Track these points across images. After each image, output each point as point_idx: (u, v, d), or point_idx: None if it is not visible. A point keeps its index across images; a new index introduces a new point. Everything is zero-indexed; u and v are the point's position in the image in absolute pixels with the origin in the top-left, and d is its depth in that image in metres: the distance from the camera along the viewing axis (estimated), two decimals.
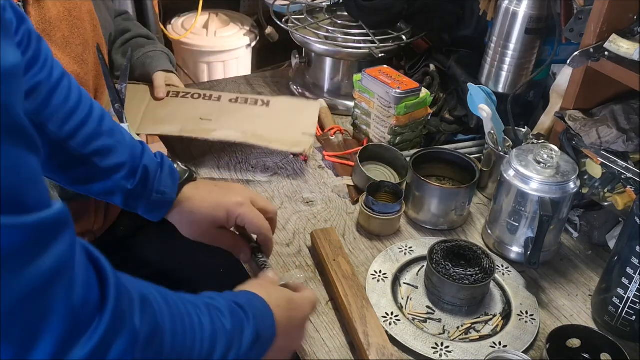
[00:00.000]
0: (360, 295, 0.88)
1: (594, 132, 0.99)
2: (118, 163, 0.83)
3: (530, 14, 1.11)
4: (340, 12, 1.48)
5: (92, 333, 0.44)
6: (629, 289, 0.83)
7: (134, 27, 1.33)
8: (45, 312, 0.41)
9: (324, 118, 1.34)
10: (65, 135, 0.78)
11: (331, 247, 0.96)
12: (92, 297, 0.45)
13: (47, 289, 0.41)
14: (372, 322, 0.84)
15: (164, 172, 0.86)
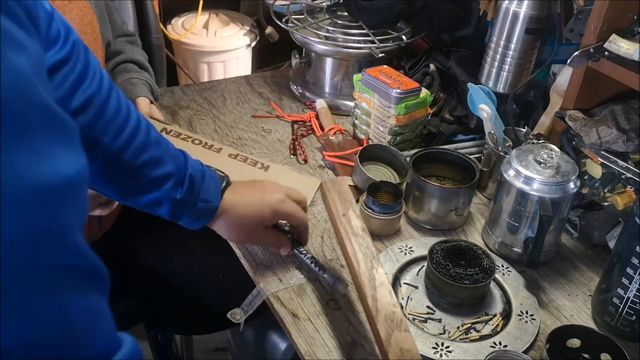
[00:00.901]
0: (369, 255, 0.82)
1: (594, 132, 0.99)
2: (167, 173, 0.83)
3: (530, 14, 1.11)
4: (340, 12, 1.48)
5: None
6: (629, 289, 0.84)
7: (129, 51, 1.29)
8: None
9: (324, 118, 1.34)
10: (119, 147, 0.77)
11: (341, 199, 0.89)
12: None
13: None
14: (381, 285, 0.79)
15: (206, 179, 0.87)
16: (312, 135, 1.32)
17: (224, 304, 0.96)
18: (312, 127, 1.34)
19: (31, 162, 0.33)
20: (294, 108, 1.43)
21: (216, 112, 1.37)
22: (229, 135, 1.30)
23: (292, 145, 1.27)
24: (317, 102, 1.39)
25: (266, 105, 1.43)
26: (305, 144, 1.29)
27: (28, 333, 0.33)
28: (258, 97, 1.46)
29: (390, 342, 0.72)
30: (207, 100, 1.42)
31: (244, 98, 1.45)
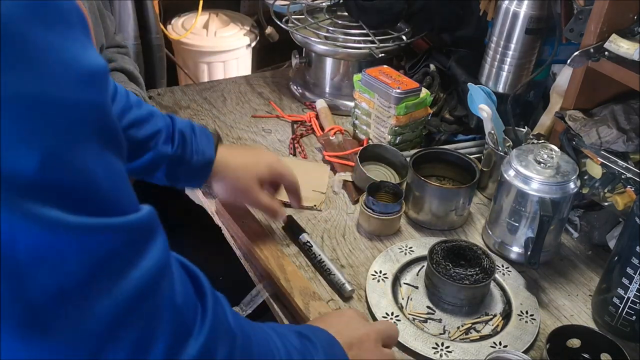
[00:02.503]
0: (274, 248, 0.95)
1: (594, 132, 0.99)
2: (155, 131, 0.84)
3: (530, 14, 1.11)
4: (340, 12, 1.48)
5: (198, 331, 0.44)
6: (629, 289, 0.83)
7: (120, 60, 1.26)
8: (155, 313, 0.41)
9: (324, 118, 1.34)
10: None
11: (237, 211, 1.01)
12: (190, 294, 0.45)
13: (154, 289, 0.41)
14: (289, 268, 0.91)
15: (197, 133, 0.88)
16: (312, 135, 1.32)
17: None
18: (312, 127, 1.33)
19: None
20: (294, 108, 1.43)
21: (216, 112, 1.37)
22: (229, 135, 1.30)
23: (292, 145, 1.27)
24: (317, 102, 1.39)
25: (266, 105, 1.43)
26: (305, 144, 1.29)
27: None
28: (258, 97, 1.46)
29: (309, 310, 0.84)
30: (207, 100, 1.42)
31: (244, 98, 1.45)
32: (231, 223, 1.01)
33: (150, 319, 0.40)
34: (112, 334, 0.38)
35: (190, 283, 0.47)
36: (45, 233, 0.34)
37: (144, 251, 0.40)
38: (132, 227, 0.39)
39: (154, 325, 0.41)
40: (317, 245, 0.98)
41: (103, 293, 0.37)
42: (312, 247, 0.97)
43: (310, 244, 0.98)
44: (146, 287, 0.40)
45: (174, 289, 0.43)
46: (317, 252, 0.97)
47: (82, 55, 0.38)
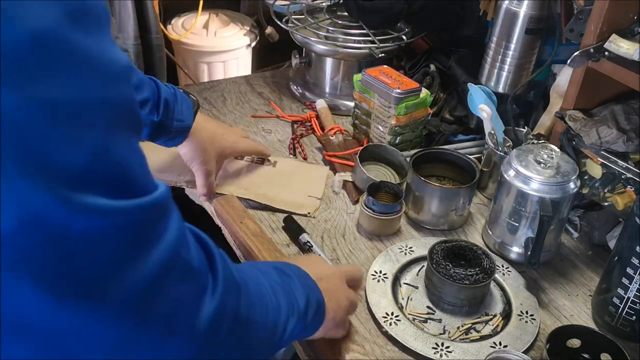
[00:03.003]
0: (272, 249, 0.96)
1: (594, 132, 0.99)
2: (143, 99, 0.91)
3: (530, 14, 1.11)
4: (340, 12, 1.48)
5: (212, 290, 0.50)
6: (629, 289, 0.84)
7: None
8: (179, 278, 0.46)
9: (324, 118, 1.34)
10: None
11: (235, 211, 1.03)
12: (202, 257, 0.51)
13: (176, 258, 0.46)
14: None
15: (179, 101, 0.96)
16: (312, 135, 1.32)
17: None
18: (312, 127, 1.33)
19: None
20: (294, 108, 1.43)
21: (216, 112, 1.37)
22: None
23: (292, 145, 1.27)
24: (317, 102, 1.39)
25: (266, 105, 1.43)
26: (305, 144, 1.29)
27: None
28: (258, 97, 1.46)
29: None
30: (207, 100, 1.42)
31: (244, 98, 1.45)
32: (231, 223, 1.01)
33: (176, 284, 0.45)
34: (147, 299, 0.43)
35: (200, 247, 0.51)
36: (92, 219, 0.38)
37: (167, 224, 0.45)
38: (156, 204, 0.43)
39: (180, 290, 0.46)
40: (317, 245, 0.98)
41: (138, 265, 0.42)
42: (312, 247, 0.97)
43: (311, 244, 0.98)
44: (171, 255, 0.44)
45: (191, 255, 0.48)
46: (317, 252, 0.97)
47: (113, 53, 0.41)
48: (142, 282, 0.42)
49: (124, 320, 0.42)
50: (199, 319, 0.48)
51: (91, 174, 0.39)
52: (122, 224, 0.40)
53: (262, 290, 0.60)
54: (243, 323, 0.55)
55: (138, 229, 0.42)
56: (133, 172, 0.42)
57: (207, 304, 0.49)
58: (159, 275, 0.43)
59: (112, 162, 0.40)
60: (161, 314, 0.45)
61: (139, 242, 0.42)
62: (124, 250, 0.41)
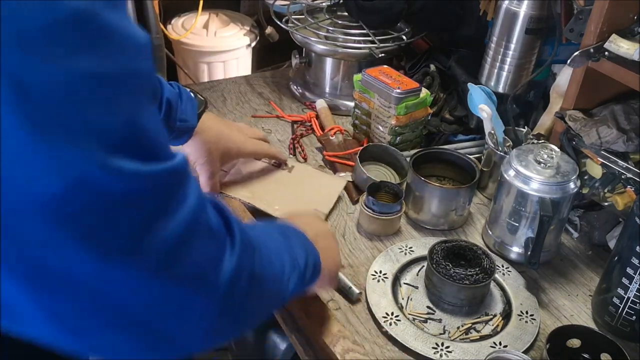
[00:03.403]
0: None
1: (594, 132, 0.99)
2: None
3: (530, 14, 1.11)
4: (340, 12, 1.48)
5: (231, 250, 0.53)
6: (629, 289, 0.84)
7: None
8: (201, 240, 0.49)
9: (324, 118, 1.34)
10: None
11: (235, 211, 1.03)
12: (219, 220, 0.54)
13: (199, 219, 0.49)
14: None
15: (183, 101, 0.95)
16: (312, 135, 1.32)
17: None
18: (312, 127, 1.33)
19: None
20: (294, 108, 1.43)
21: (216, 112, 1.37)
22: None
23: (292, 145, 1.27)
24: (317, 102, 1.39)
25: (266, 105, 1.43)
26: (305, 144, 1.29)
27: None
28: (258, 97, 1.46)
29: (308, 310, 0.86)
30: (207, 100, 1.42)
31: (244, 98, 1.45)
32: None
33: (200, 243, 0.49)
34: (176, 255, 0.46)
35: (217, 213, 0.54)
36: (128, 181, 0.42)
37: (188, 188, 0.48)
38: (178, 169, 0.47)
39: (203, 248, 0.49)
40: None
41: (166, 224, 0.45)
42: None
43: None
44: (193, 217, 0.48)
45: (210, 218, 0.52)
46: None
47: (134, 28, 0.44)
48: (170, 239, 0.45)
49: (158, 276, 0.45)
50: (221, 275, 0.51)
51: (125, 140, 0.42)
52: (152, 186, 0.44)
53: (270, 252, 0.64)
54: (257, 280, 0.59)
55: (165, 191, 0.45)
56: (158, 139, 0.45)
57: (227, 261, 0.52)
58: (185, 234, 0.46)
59: (142, 129, 0.43)
60: (188, 269, 0.48)
61: (166, 203, 0.45)
62: (155, 210, 0.44)
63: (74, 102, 0.39)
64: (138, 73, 0.44)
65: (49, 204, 0.39)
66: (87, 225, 0.41)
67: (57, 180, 0.39)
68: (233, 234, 0.55)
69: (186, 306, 0.49)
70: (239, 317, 0.56)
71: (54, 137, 0.38)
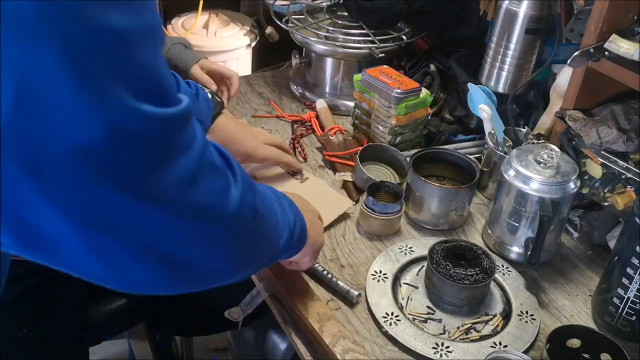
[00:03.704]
0: None
1: (594, 132, 0.99)
2: None
3: (530, 14, 1.11)
4: (340, 12, 1.48)
5: (234, 183, 0.58)
6: (629, 289, 0.84)
7: None
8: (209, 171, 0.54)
9: (324, 118, 1.34)
10: None
11: None
12: (220, 158, 0.57)
13: (205, 155, 0.53)
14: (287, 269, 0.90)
15: (199, 102, 0.97)
16: (312, 135, 1.32)
17: (225, 305, 0.96)
18: (312, 127, 1.33)
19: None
20: (294, 108, 1.43)
21: None
22: None
23: (292, 145, 1.27)
24: (317, 102, 1.39)
25: (266, 105, 1.43)
26: (305, 144, 1.29)
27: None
28: (258, 97, 1.46)
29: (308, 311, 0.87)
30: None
31: (244, 98, 1.45)
32: None
33: (207, 177, 0.53)
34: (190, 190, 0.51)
35: (218, 152, 0.58)
36: (153, 124, 0.46)
37: (195, 129, 0.52)
38: (187, 112, 0.50)
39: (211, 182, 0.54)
40: None
41: (181, 161, 0.49)
42: None
43: None
44: (201, 154, 0.52)
45: (213, 154, 0.56)
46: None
47: None
48: (185, 175, 0.50)
49: (178, 209, 0.50)
50: (229, 203, 0.56)
51: (149, 87, 0.46)
52: (171, 127, 0.48)
53: (266, 199, 0.69)
54: (259, 217, 0.63)
55: (180, 132, 0.49)
56: (171, 85, 0.49)
57: (233, 192, 0.57)
58: (196, 169, 0.51)
59: (161, 76, 0.48)
60: (201, 201, 0.52)
61: (181, 142, 0.50)
62: (173, 149, 0.49)
63: (111, 54, 0.43)
64: (157, 25, 0.48)
65: (91, 148, 0.43)
66: (121, 168, 0.45)
67: (99, 126, 0.42)
68: (234, 170, 0.59)
69: (204, 235, 0.54)
70: (249, 248, 0.63)
71: (97, 86, 0.42)
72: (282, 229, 0.72)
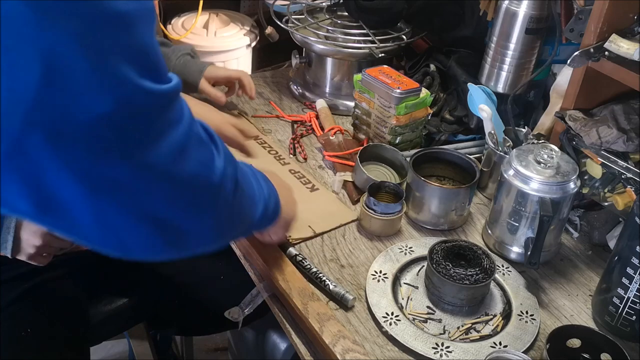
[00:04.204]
0: (273, 249, 0.96)
1: (594, 132, 0.99)
2: None
3: (530, 14, 1.11)
4: (340, 12, 1.48)
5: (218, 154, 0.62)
6: (629, 289, 0.84)
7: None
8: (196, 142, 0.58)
9: (324, 118, 1.34)
10: None
11: None
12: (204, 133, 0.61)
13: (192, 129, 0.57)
14: (287, 269, 0.92)
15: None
16: (312, 135, 1.32)
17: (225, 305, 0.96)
18: (312, 127, 1.33)
19: None
20: (294, 108, 1.43)
21: None
22: None
23: (292, 145, 1.27)
24: (317, 102, 1.39)
25: (266, 105, 1.43)
26: (305, 144, 1.29)
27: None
28: (258, 97, 1.46)
29: (307, 311, 0.86)
30: (207, 100, 1.42)
31: (244, 98, 1.44)
32: None
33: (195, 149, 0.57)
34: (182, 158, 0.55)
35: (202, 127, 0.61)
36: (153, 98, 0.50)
37: (183, 104, 0.56)
38: (178, 88, 0.55)
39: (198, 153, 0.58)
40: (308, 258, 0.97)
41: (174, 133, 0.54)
42: (303, 259, 0.95)
43: (302, 256, 0.96)
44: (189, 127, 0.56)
45: (199, 128, 0.60)
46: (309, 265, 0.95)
47: None
48: (176, 146, 0.54)
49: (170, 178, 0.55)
50: (214, 173, 0.61)
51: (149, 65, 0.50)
52: (167, 102, 0.53)
53: (245, 173, 0.73)
54: (239, 189, 0.67)
55: (172, 106, 0.54)
56: (164, 65, 0.53)
57: (217, 165, 0.61)
58: (184, 141, 0.55)
59: (156, 56, 0.52)
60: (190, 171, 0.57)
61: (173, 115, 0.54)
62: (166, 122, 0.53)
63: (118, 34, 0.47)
64: (152, 7, 0.51)
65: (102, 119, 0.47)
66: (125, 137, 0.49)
67: (110, 99, 0.47)
68: (217, 144, 0.63)
69: (193, 203, 0.59)
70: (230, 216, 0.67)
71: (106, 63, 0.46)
72: (258, 201, 0.76)
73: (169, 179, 0.55)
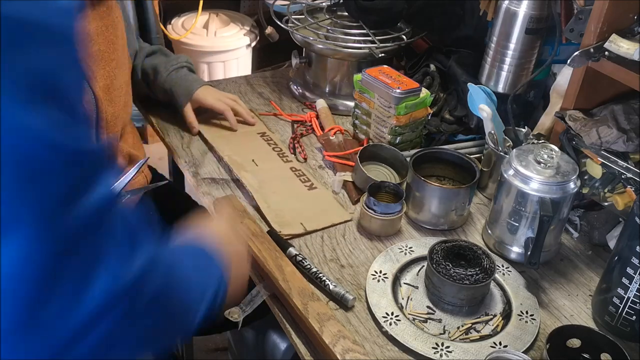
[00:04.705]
0: (272, 248, 0.95)
1: (594, 132, 0.99)
2: None
3: (530, 14, 1.11)
4: (340, 12, 1.48)
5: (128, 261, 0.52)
6: (629, 289, 0.84)
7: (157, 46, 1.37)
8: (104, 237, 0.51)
9: (324, 118, 1.34)
10: None
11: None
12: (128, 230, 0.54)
13: (107, 213, 0.51)
14: (287, 269, 0.91)
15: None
16: (312, 135, 1.32)
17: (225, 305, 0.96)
18: (312, 127, 1.33)
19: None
20: (294, 108, 1.43)
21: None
22: None
23: (292, 145, 1.27)
24: (317, 102, 1.39)
25: (266, 105, 1.43)
26: (305, 144, 1.29)
27: None
28: (258, 97, 1.46)
29: (307, 311, 0.85)
30: None
31: (244, 98, 1.45)
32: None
33: (97, 239, 0.50)
34: (82, 235, 0.49)
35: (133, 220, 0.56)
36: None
37: (102, 177, 0.51)
38: (100, 152, 0.52)
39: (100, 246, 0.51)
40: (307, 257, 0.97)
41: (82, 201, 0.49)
42: (304, 259, 0.95)
43: (302, 256, 0.96)
44: (106, 203, 0.51)
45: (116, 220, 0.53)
46: (309, 265, 0.95)
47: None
48: (79, 220, 0.48)
49: (61, 253, 0.47)
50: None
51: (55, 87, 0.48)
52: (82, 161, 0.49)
53: (180, 282, 0.63)
54: (161, 301, 0.57)
55: (88, 170, 0.50)
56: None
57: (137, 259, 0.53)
58: (90, 219, 0.49)
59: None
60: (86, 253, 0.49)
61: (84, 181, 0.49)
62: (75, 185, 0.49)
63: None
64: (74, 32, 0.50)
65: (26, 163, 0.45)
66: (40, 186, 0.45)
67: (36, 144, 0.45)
68: (135, 250, 0.54)
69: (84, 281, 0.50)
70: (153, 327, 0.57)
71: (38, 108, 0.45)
72: (197, 308, 0.66)
73: (55, 254, 0.48)
